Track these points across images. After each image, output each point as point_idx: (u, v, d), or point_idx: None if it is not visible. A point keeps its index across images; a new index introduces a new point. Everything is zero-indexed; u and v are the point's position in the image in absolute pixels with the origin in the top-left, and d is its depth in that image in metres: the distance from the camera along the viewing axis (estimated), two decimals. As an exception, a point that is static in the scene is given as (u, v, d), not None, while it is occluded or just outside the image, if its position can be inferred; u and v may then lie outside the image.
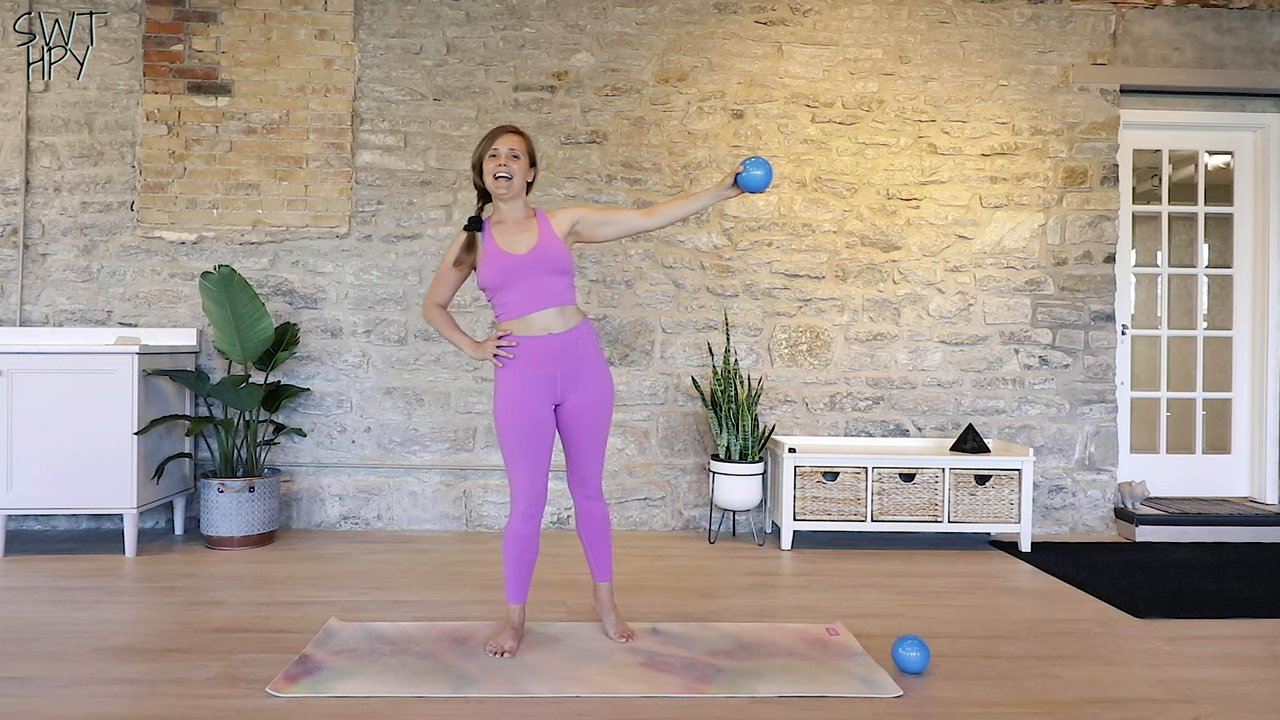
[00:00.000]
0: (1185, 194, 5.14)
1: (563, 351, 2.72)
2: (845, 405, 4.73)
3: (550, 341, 2.71)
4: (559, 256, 2.71)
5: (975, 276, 4.76)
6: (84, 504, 3.95)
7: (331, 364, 4.60)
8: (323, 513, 4.59)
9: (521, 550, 2.78)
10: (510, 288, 2.70)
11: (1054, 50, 4.75)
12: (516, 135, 2.75)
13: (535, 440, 2.72)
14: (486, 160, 2.72)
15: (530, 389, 2.71)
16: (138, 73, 4.55)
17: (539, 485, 2.75)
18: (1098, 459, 4.76)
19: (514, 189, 2.73)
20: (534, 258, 2.69)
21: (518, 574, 2.81)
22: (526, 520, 2.76)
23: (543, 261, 2.69)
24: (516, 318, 2.72)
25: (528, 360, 2.71)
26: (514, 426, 2.71)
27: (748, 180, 2.68)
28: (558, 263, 2.71)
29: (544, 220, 2.78)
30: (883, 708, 2.42)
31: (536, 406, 2.72)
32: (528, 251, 2.69)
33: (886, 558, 4.16)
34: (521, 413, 2.71)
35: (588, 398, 2.77)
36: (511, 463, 2.74)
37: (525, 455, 2.72)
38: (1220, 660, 2.85)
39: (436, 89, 4.62)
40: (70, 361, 3.91)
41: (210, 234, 4.56)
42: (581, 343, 2.76)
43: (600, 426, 2.82)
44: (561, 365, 2.72)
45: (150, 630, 2.99)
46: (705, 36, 4.68)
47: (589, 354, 2.77)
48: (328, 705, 2.39)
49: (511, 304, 2.71)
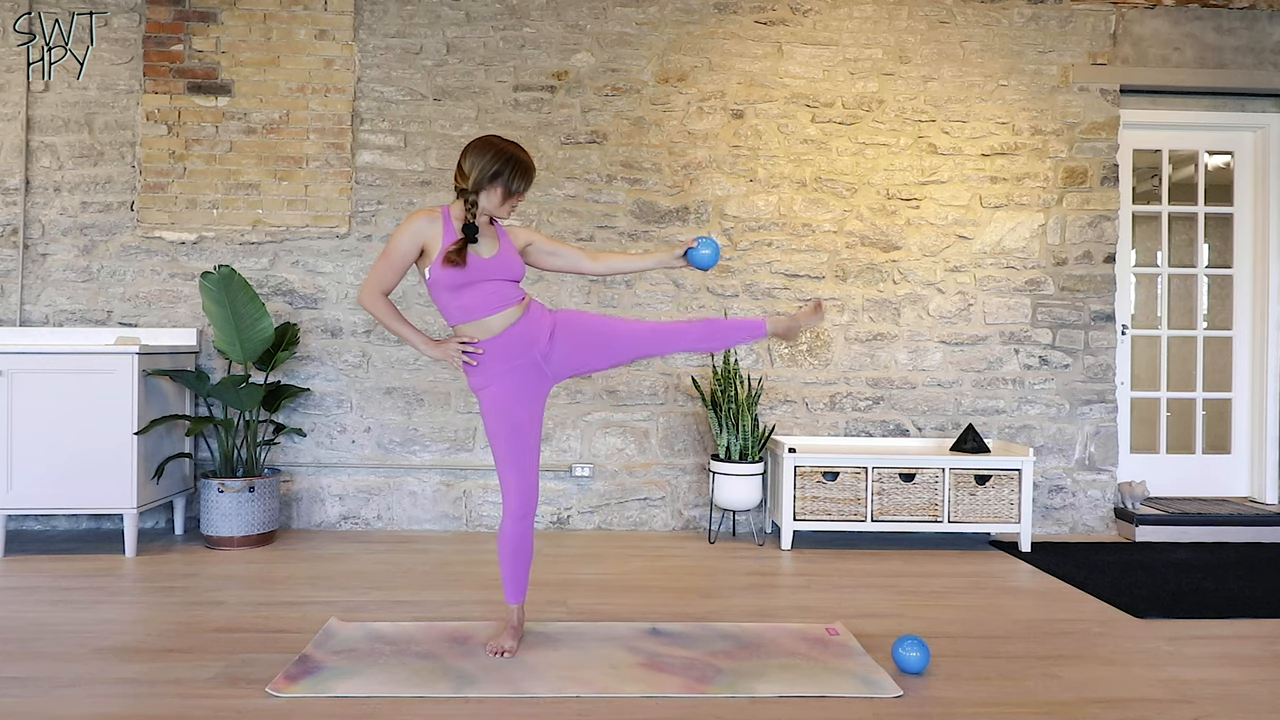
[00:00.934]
0: (1185, 194, 5.14)
1: (529, 331, 2.74)
2: (845, 405, 4.73)
3: (514, 330, 2.72)
4: (516, 265, 2.77)
5: (975, 276, 4.76)
6: (84, 504, 3.95)
7: (331, 364, 4.60)
8: (323, 513, 4.59)
9: (516, 549, 2.80)
10: (471, 290, 2.69)
11: (1054, 50, 4.75)
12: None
13: (522, 441, 2.75)
14: (507, 194, 2.71)
15: (515, 386, 2.74)
16: (138, 73, 4.55)
17: (529, 484, 2.78)
18: (1098, 459, 4.76)
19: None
20: (497, 264, 2.72)
21: (515, 574, 2.83)
22: (520, 520, 2.78)
23: (504, 269, 2.73)
24: (474, 320, 2.72)
25: (506, 356, 2.72)
26: (502, 430, 2.74)
27: (696, 258, 2.87)
28: (514, 270, 2.76)
29: (501, 232, 2.81)
30: (883, 708, 2.42)
31: (523, 405, 2.75)
32: (491, 257, 2.72)
33: (886, 558, 4.16)
34: (508, 416, 2.73)
35: (569, 339, 2.78)
36: (501, 464, 2.77)
37: (515, 455, 2.75)
38: (1220, 660, 2.85)
39: (436, 89, 4.62)
40: (70, 361, 3.91)
41: (210, 234, 4.56)
42: (539, 314, 2.79)
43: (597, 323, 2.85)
44: (538, 342, 2.75)
45: (150, 630, 2.99)
46: (705, 36, 4.68)
47: (550, 324, 2.79)
48: (328, 705, 2.39)
49: (470, 306, 2.71)
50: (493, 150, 2.68)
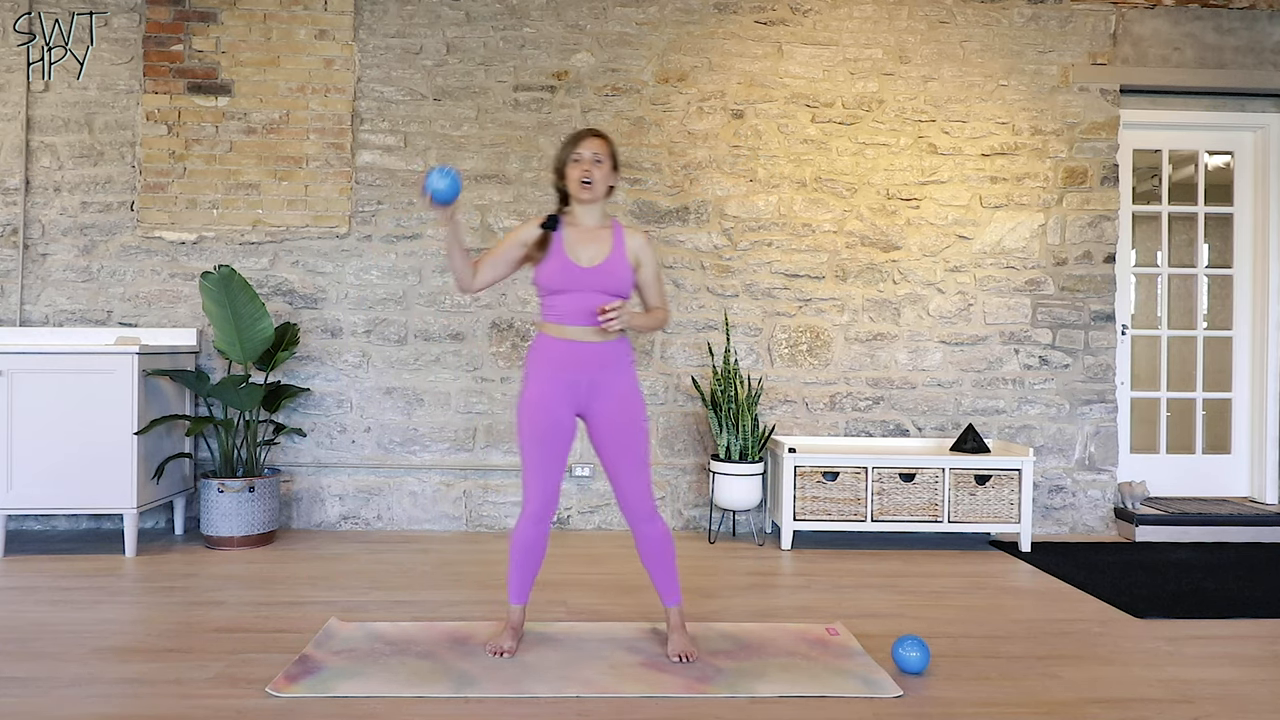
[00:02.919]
0: (1185, 194, 5.14)
1: (590, 359, 2.68)
2: (845, 405, 4.73)
3: (581, 348, 2.67)
4: (622, 277, 2.68)
5: (975, 276, 4.76)
6: (84, 504, 3.95)
7: (331, 364, 4.60)
8: (323, 513, 4.59)
9: (527, 551, 2.78)
10: (563, 295, 2.66)
11: (1054, 50, 4.75)
12: (600, 139, 2.71)
13: (551, 444, 2.71)
14: (570, 165, 2.68)
15: (552, 392, 2.69)
16: (138, 73, 4.55)
17: (551, 489, 2.75)
18: (1098, 459, 4.76)
19: (596, 194, 2.69)
20: (596, 274, 2.65)
21: (522, 575, 2.81)
22: (537, 523, 2.75)
23: (604, 279, 2.65)
24: (557, 323, 2.69)
25: (554, 364, 2.69)
26: (532, 429, 2.70)
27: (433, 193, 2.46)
28: (618, 283, 2.67)
29: (619, 236, 2.72)
30: (883, 708, 2.42)
31: (557, 411, 2.70)
32: (591, 265, 2.66)
33: (886, 558, 4.16)
34: (540, 415, 2.69)
35: (616, 408, 2.71)
36: (527, 464, 2.73)
37: (540, 458, 2.71)
38: (1220, 660, 2.85)
39: (436, 89, 4.62)
40: (70, 361, 3.91)
41: (210, 234, 4.56)
42: (611, 353, 2.71)
43: (635, 441, 2.72)
44: (587, 372, 2.68)
45: (150, 630, 2.99)
46: (705, 36, 4.68)
47: (615, 364, 2.72)
48: (328, 705, 2.39)
49: (559, 309, 2.68)
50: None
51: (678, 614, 2.82)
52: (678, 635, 2.79)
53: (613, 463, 2.74)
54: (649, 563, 2.80)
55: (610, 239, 2.72)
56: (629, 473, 2.73)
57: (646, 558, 2.80)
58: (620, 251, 2.70)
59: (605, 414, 2.72)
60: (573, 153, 2.68)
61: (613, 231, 2.74)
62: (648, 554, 2.79)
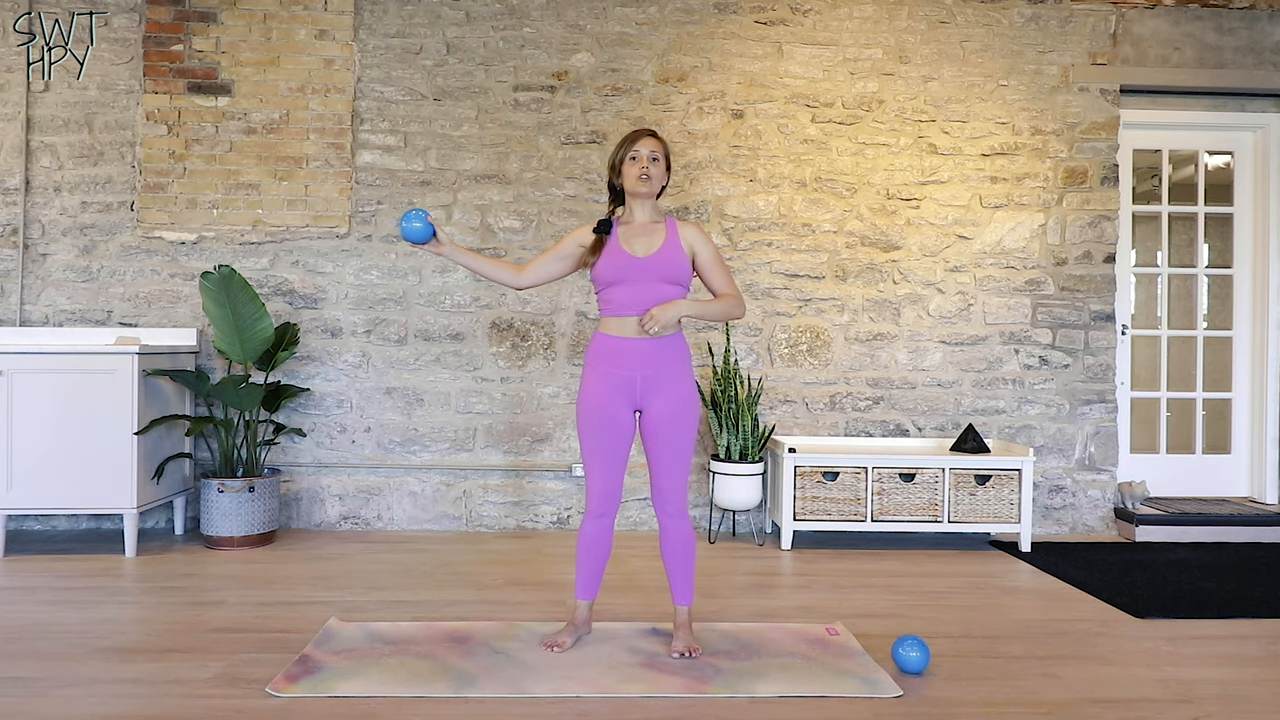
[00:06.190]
0: (1185, 194, 5.14)
1: (648, 356, 2.73)
2: (845, 405, 4.73)
3: (638, 344, 2.72)
4: (678, 265, 2.73)
5: (975, 276, 4.76)
6: (84, 504, 3.95)
7: (331, 364, 4.60)
8: (323, 513, 4.59)
9: (591, 547, 2.83)
10: (620, 286, 2.72)
11: (1054, 50, 4.75)
12: (657, 139, 2.80)
13: (609, 440, 2.76)
14: (627, 164, 2.77)
15: (609, 389, 2.74)
16: (138, 73, 4.55)
17: (612, 486, 2.79)
18: (1098, 459, 4.76)
19: (653, 189, 2.78)
20: (651, 263, 2.71)
21: (585, 570, 2.86)
22: (598, 518, 2.81)
23: (659, 268, 2.71)
24: (617, 316, 2.74)
25: (611, 360, 2.74)
26: (590, 425, 2.76)
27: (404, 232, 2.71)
28: (674, 271, 2.72)
29: (673, 229, 2.79)
30: (883, 708, 2.42)
31: (613, 407, 2.74)
32: (645, 255, 2.73)
33: (886, 558, 4.16)
34: (597, 411, 2.74)
35: (666, 406, 2.75)
36: (587, 460, 2.79)
37: (598, 454, 2.76)
38: (1220, 660, 2.85)
39: (436, 89, 4.62)
40: (70, 361, 3.91)
41: (210, 234, 4.56)
42: (668, 349, 2.76)
43: (677, 438, 2.77)
44: (643, 369, 2.73)
45: (150, 630, 2.99)
46: (705, 36, 4.68)
47: (672, 362, 2.76)
48: (328, 705, 2.39)
49: (617, 302, 2.74)
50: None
51: (686, 614, 2.87)
52: (683, 633, 2.84)
53: (656, 456, 2.80)
54: (670, 560, 2.85)
55: (664, 232, 2.78)
56: (670, 468, 2.79)
57: (669, 555, 2.85)
58: (674, 240, 2.76)
59: (659, 411, 2.76)
60: (630, 150, 2.77)
61: (666, 225, 2.80)
62: (670, 551, 2.84)
